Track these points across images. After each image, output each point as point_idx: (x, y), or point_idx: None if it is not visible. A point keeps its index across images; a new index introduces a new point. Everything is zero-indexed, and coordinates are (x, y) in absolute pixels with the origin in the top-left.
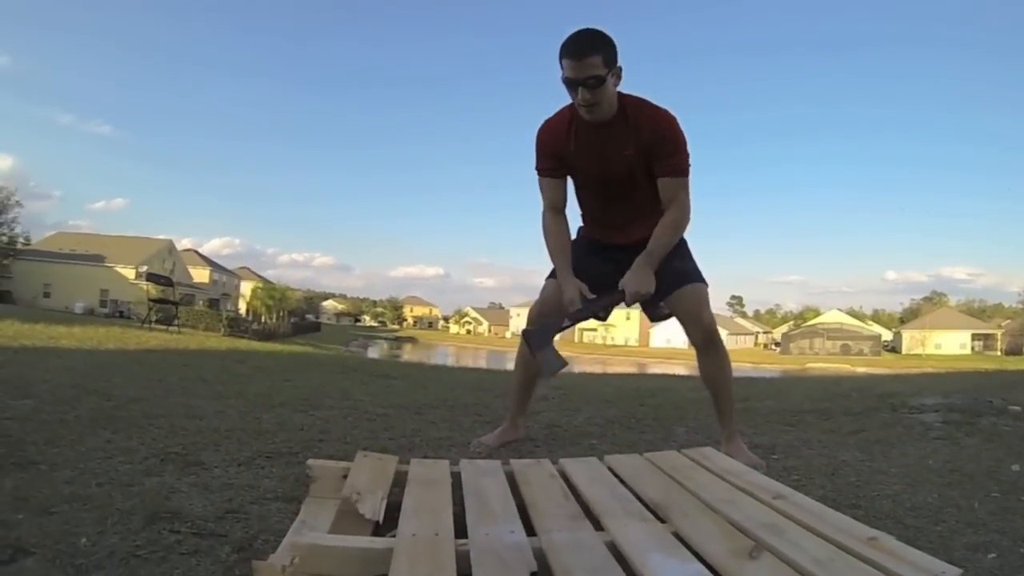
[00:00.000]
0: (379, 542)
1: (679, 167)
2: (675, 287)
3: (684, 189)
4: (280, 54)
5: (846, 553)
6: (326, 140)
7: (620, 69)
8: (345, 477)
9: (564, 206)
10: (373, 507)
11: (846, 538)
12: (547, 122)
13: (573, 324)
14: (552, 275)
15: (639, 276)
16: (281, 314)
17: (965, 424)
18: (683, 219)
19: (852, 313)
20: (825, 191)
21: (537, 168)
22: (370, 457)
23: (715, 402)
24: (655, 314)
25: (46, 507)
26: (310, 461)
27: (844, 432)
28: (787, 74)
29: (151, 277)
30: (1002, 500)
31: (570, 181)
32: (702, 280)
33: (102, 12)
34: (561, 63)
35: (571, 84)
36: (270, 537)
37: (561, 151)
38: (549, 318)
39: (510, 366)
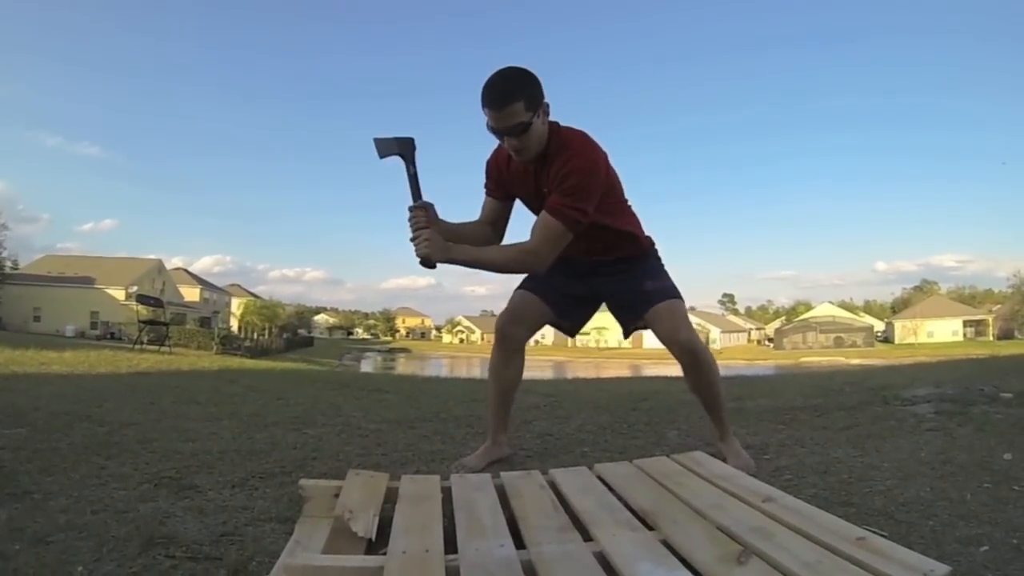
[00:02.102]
0: (370, 560)
1: (559, 208)
2: (648, 306)
3: (551, 235)
4: (262, 70)
5: (835, 555)
6: (312, 155)
7: (547, 106)
8: (337, 496)
9: (495, 222)
10: (365, 525)
11: (835, 539)
12: (497, 148)
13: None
14: (521, 286)
15: (436, 242)
16: (273, 330)
17: (957, 414)
18: (524, 260)
19: (844, 305)
20: (810, 184)
21: (484, 185)
22: (361, 475)
23: (706, 409)
24: (628, 329)
25: (42, 537)
26: (302, 481)
27: (837, 428)
28: (766, 69)
29: (141, 299)
30: (994, 491)
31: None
32: (676, 296)
33: (84, 35)
34: (483, 111)
35: (496, 133)
36: (264, 559)
37: (502, 180)
38: (519, 328)
39: None
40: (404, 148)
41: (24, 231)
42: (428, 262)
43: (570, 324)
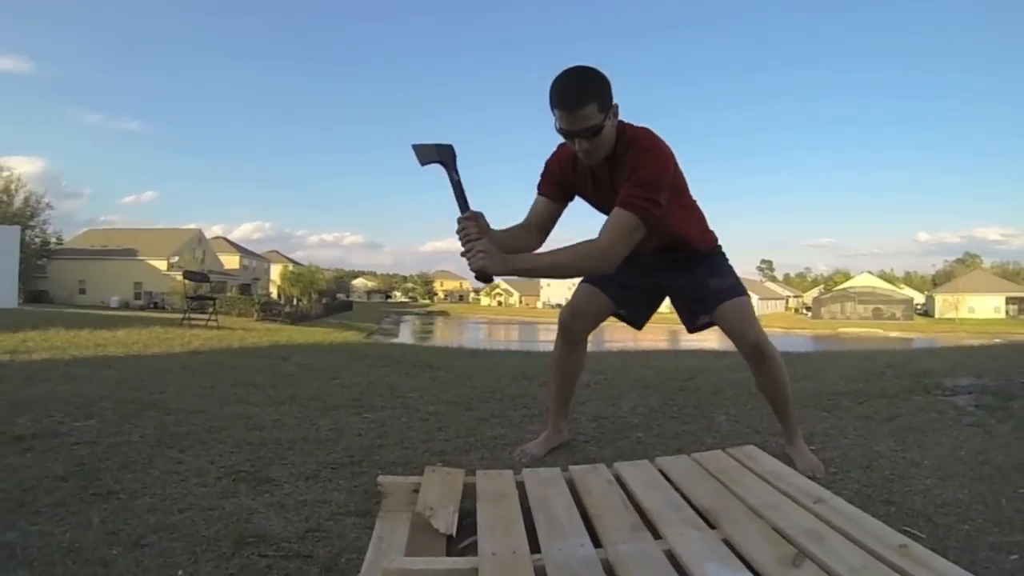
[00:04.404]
0: (462, 563)
1: (631, 200)
2: (715, 305)
3: (624, 228)
4: (297, 33)
5: (880, 561)
6: (350, 118)
7: (616, 107)
8: (415, 491)
9: (542, 225)
10: (446, 521)
11: (879, 546)
12: (560, 148)
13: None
14: (585, 279)
15: (493, 254)
16: (312, 295)
17: (998, 408)
18: (594, 256)
19: (883, 276)
20: (855, 151)
21: (537, 184)
22: (438, 472)
23: (772, 407)
24: (693, 326)
25: (136, 539)
26: (380, 478)
27: (879, 418)
28: (814, 32)
29: (188, 275)
30: None
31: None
32: (742, 293)
33: (123, 10)
34: (553, 111)
35: (567, 135)
36: (352, 556)
37: (565, 181)
38: (582, 320)
39: (542, 337)
40: (445, 155)
41: (68, 206)
42: (484, 275)
43: (633, 317)
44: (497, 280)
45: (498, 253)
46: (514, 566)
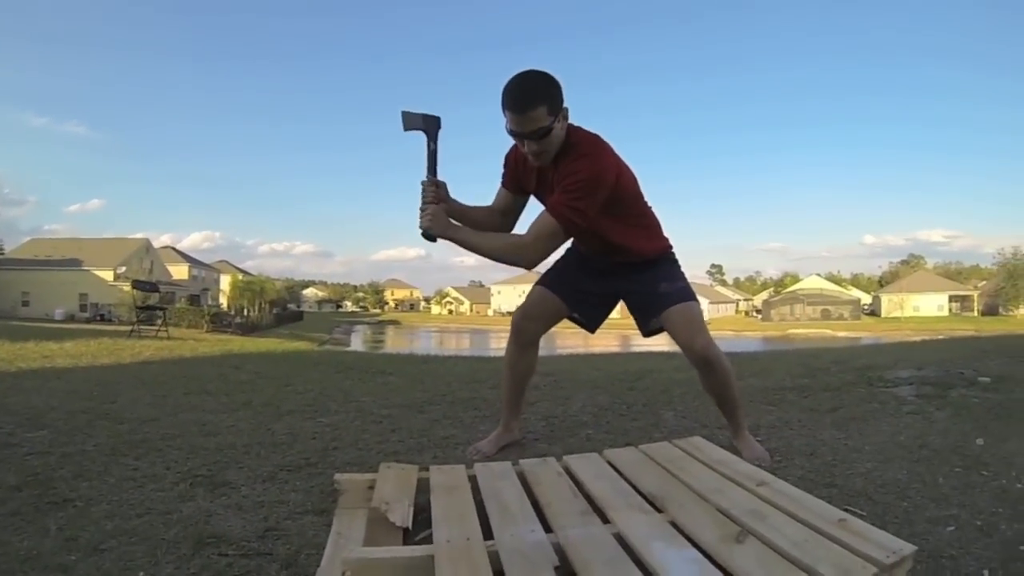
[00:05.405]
0: (419, 550)
1: (556, 207)
2: (663, 308)
3: (545, 233)
4: (245, 32)
5: (820, 535)
6: (303, 117)
7: (566, 110)
8: (371, 488)
9: (505, 212)
10: (402, 515)
11: (819, 521)
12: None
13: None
14: (539, 281)
15: (438, 218)
16: (262, 305)
17: (936, 397)
18: (514, 253)
19: (831, 278)
20: (801, 153)
21: (502, 175)
22: (393, 468)
23: (719, 407)
24: (646, 330)
25: (96, 545)
26: (337, 476)
27: (823, 410)
28: (760, 31)
29: (137, 284)
30: (964, 475)
31: None
32: (691, 299)
33: (67, 11)
34: (504, 113)
35: (517, 136)
36: (312, 552)
37: (518, 175)
38: (533, 323)
39: (493, 344)
40: (429, 125)
41: (10, 214)
42: (428, 235)
43: (587, 320)
44: (448, 289)
45: (444, 219)
46: (468, 552)
